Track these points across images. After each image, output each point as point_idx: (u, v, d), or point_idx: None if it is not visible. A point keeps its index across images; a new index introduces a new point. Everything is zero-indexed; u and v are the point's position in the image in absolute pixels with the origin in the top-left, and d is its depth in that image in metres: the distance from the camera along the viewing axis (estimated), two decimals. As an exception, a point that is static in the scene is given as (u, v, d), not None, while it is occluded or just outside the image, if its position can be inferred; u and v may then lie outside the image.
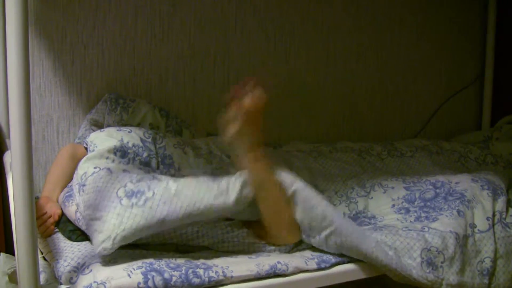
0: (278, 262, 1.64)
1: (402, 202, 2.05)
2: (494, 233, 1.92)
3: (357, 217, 2.04)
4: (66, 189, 1.85)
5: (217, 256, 1.68)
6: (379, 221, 1.99)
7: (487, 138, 2.85)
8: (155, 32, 2.33)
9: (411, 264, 1.74)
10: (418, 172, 2.27)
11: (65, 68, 2.21)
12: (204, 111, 2.46)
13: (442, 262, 1.78)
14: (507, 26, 3.01)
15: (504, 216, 1.98)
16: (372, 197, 2.09)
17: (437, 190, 2.07)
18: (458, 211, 1.93)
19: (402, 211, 2.02)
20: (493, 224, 1.93)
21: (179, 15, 2.37)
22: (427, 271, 1.75)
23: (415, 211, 2.00)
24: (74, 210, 1.70)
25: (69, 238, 1.74)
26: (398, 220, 1.97)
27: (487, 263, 1.86)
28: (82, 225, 1.66)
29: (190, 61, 2.41)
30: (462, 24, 3.05)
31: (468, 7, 3.06)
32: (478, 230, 1.91)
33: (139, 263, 1.54)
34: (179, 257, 1.63)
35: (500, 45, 3.09)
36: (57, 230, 1.78)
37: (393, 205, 2.05)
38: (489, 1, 3.06)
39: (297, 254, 1.76)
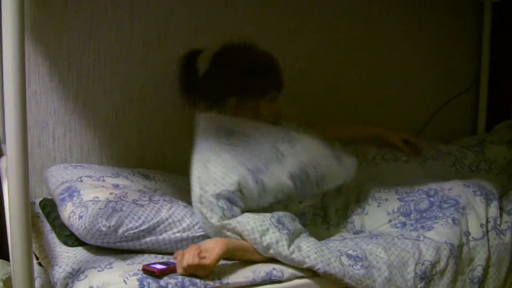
0: (274, 269, 1.64)
1: (398, 216, 2.04)
2: (488, 240, 1.92)
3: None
4: (59, 191, 1.84)
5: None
6: None
7: (481, 142, 2.86)
8: (151, 39, 2.33)
9: (405, 278, 1.75)
10: (411, 181, 2.26)
11: (61, 73, 2.21)
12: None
13: (434, 275, 1.79)
14: (503, 32, 3.02)
15: (498, 222, 1.98)
16: (367, 213, 2.08)
17: (431, 199, 2.06)
18: (453, 219, 1.93)
19: (399, 225, 2.02)
20: (487, 231, 1.94)
21: (175, 22, 2.36)
22: (419, 286, 1.75)
23: (412, 224, 2.00)
24: (68, 215, 1.70)
25: (65, 243, 1.74)
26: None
27: (479, 271, 1.86)
28: (76, 229, 1.66)
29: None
30: (457, 30, 3.05)
31: (464, 14, 3.07)
32: (473, 237, 1.91)
33: (135, 269, 1.54)
34: (175, 263, 1.63)
35: (495, 51, 3.11)
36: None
37: (390, 220, 2.04)
38: (485, 7, 3.07)
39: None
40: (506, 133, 2.89)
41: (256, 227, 1.69)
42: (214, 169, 1.77)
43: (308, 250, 1.69)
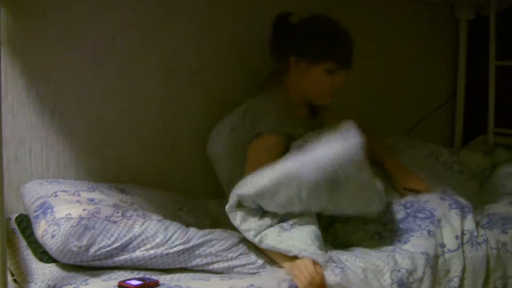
0: (252, 285, 1.64)
1: (376, 225, 2.06)
2: (463, 252, 1.94)
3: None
4: (33, 208, 1.84)
5: (192, 278, 1.69)
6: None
7: (458, 150, 2.90)
8: (132, 53, 2.33)
9: (382, 285, 1.75)
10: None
11: (39, 88, 2.20)
12: (179, 133, 2.46)
13: (411, 283, 1.80)
14: (478, 47, 3.06)
15: (475, 234, 2.00)
16: (348, 222, 2.10)
17: (408, 211, 2.09)
18: (429, 231, 1.95)
19: (376, 236, 2.04)
20: (462, 243, 1.96)
21: (153, 38, 2.36)
22: None
23: (389, 236, 2.02)
24: (41, 233, 1.69)
25: (41, 260, 1.73)
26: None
27: (455, 282, 1.89)
28: (49, 249, 1.66)
29: (164, 84, 2.41)
30: (435, 45, 3.09)
31: (441, 30, 3.11)
32: (448, 249, 1.94)
33: (110, 286, 1.54)
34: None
35: (472, 66, 3.14)
36: None
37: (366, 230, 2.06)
38: (460, 23, 3.11)
39: (271, 276, 1.77)
40: (482, 145, 2.94)
41: None
42: None
43: (271, 234, 1.76)
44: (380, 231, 2.05)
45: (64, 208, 1.76)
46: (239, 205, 1.81)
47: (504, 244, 2.06)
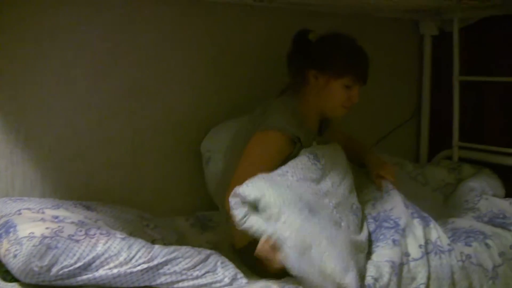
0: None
1: None
2: (428, 260, 1.98)
3: None
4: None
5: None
6: None
7: (422, 165, 2.95)
8: (95, 70, 2.33)
9: None
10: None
11: (4, 105, 2.18)
12: (145, 149, 2.46)
13: None
14: (442, 63, 3.11)
15: (439, 243, 2.04)
16: None
17: (377, 223, 2.12)
18: (394, 240, 1.99)
19: None
20: (426, 252, 2.00)
21: (119, 54, 2.37)
22: None
23: None
24: (4, 252, 1.68)
25: (4, 279, 1.72)
26: None
27: None
28: (11, 268, 1.65)
29: (131, 99, 2.41)
30: (400, 61, 3.13)
31: (405, 46, 3.16)
32: (412, 258, 1.98)
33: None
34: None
35: (436, 81, 3.19)
36: None
37: None
38: (424, 39, 3.16)
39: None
40: (448, 162, 2.98)
41: None
42: None
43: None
44: None
45: (27, 226, 1.75)
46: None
47: (468, 256, 2.11)
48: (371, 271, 1.87)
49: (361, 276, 1.84)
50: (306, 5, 2.63)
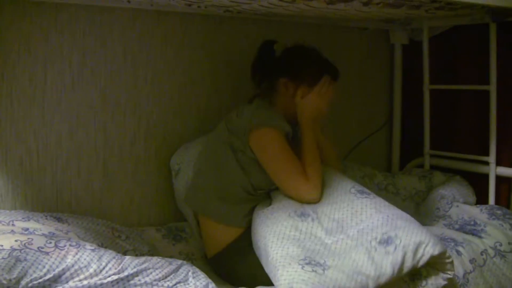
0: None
1: None
2: None
3: None
4: None
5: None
6: None
7: (393, 174, 2.97)
8: (65, 82, 2.32)
9: None
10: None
11: (-26, 117, 2.18)
12: (116, 160, 2.45)
13: None
14: (413, 71, 3.14)
15: None
16: None
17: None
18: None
19: None
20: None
21: (89, 65, 2.36)
22: None
23: None
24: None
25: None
26: None
27: None
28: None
29: (101, 111, 2.41)
30: (371, 70, 3.16)
31: (376, 54, 3.19)
32: None
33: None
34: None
35: (407, 90, 3.22)
36: None
37: None
38: (395, 48, 3.19)
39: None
40: (418, 170, 3.01)
41: None
42: None
43: None
44: None
45: (-4, 239, 1.73)
46: None
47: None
48: None
49: None
50: (271, 15, 2.65)
